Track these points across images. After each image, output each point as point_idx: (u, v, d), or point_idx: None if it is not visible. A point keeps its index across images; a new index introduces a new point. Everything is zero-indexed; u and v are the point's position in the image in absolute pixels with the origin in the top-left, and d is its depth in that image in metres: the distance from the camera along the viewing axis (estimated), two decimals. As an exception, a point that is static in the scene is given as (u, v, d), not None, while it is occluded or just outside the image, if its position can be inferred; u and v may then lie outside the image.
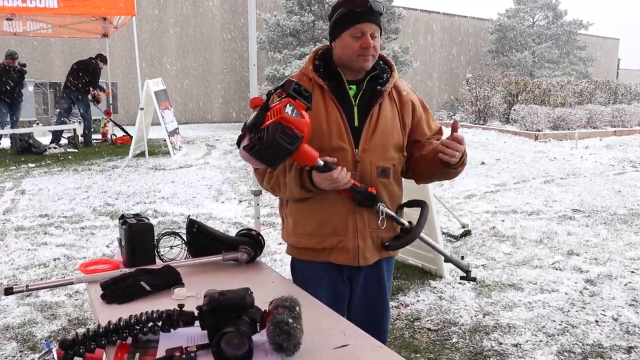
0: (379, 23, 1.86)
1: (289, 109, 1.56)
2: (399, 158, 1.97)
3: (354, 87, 1.92)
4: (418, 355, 3.04)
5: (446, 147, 1.82)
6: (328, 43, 1.97)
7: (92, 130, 11.20)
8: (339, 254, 1.92)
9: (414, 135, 2.00)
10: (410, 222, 2.00)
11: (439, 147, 1.86)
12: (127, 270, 1.80)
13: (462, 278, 2.54)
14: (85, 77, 10.55)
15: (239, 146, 1.72)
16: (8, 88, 10.21)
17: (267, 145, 1.54)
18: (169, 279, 1.75)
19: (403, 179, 2.06)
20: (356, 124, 1.89)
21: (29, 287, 1.74)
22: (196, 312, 1.37)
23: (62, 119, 10.75)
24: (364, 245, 1.91)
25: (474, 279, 2.61)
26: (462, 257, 2.62)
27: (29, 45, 13.45)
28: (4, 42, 12.90)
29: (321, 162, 1.73)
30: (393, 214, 1.93)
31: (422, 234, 2.13)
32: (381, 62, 1.98)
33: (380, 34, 1.89)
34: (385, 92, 1.92)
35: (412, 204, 2.04)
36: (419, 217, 2.00)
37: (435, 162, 1.90)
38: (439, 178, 2.04)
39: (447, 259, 2.52)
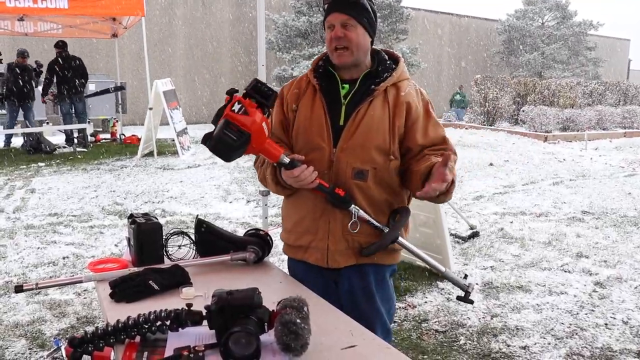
0: (351, 13, 1.79)
1: (236, 107, 1.64)
2: (383, 161, 1.83)
3: (346, 86, 1.88)
4: (425, 356, 3.03)
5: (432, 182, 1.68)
6: None
7: (100, 130, 11.19)
8: (311, 253, 1.92)
9: (406, 142, 1.85)
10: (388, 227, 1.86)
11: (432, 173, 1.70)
12: (135, 269, 1.81)
13: (458, 298, 2.11)
14: (78, 76, 10.28)
15: None
16: (27, 87, 9.99)
17: (215, 141, 1.62)
18: (177, 278, 1.76)
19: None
20: (341, 123, 1.84)
21: (39, 285, 1.76)
22: (204, 312, 1.38)
23: (68, 123, 10.55)
24: (334, 247, 1.86)
25: (471, 302, 2.13)
26: (465, 276, 2.14)
27: (40, 45, 13.56)
28: (16, 42, 13.02)
29: (286, 159, 1.73)
30: (368, 217, 1.83)
31: (406, 242, 1.91)
32: (387, 60, 1.92)
33: (365, 25, 1.81)
34: (378, 90, 1.83)
35: (396, 210, 1.90)
36: (395, 221, 1.87)
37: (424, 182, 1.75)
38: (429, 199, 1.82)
39: (444, 276, 2.13)
